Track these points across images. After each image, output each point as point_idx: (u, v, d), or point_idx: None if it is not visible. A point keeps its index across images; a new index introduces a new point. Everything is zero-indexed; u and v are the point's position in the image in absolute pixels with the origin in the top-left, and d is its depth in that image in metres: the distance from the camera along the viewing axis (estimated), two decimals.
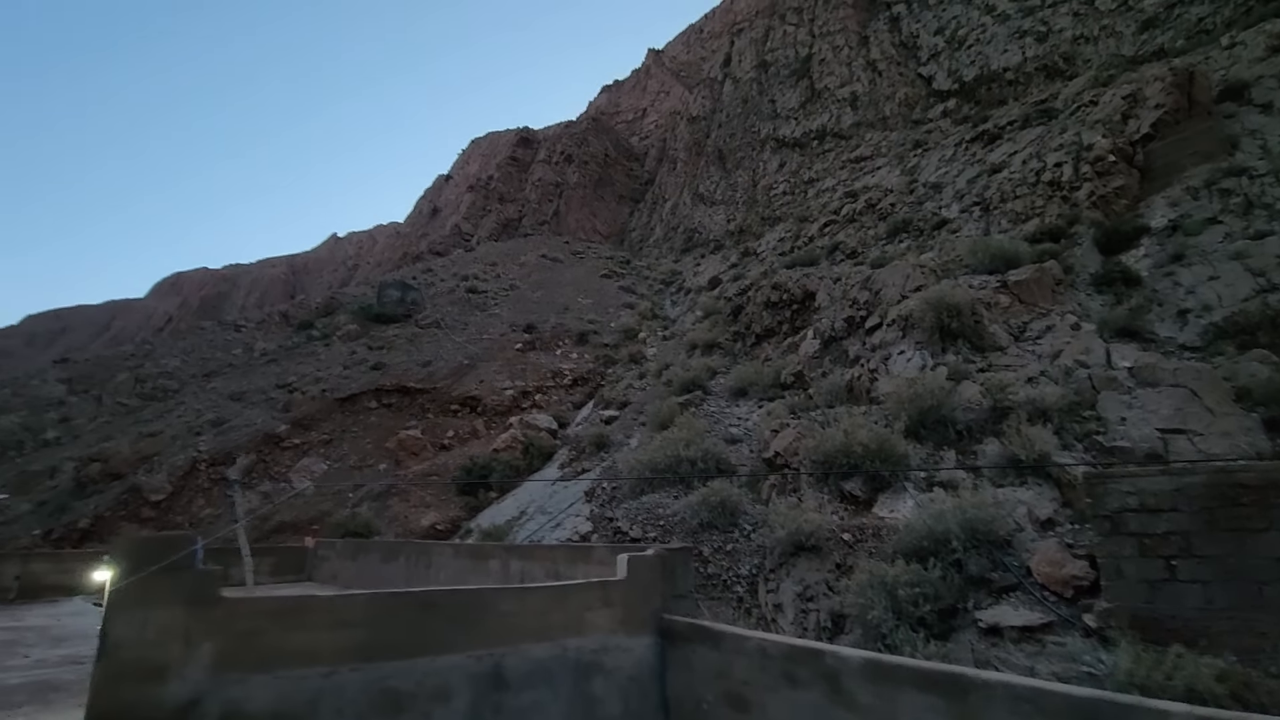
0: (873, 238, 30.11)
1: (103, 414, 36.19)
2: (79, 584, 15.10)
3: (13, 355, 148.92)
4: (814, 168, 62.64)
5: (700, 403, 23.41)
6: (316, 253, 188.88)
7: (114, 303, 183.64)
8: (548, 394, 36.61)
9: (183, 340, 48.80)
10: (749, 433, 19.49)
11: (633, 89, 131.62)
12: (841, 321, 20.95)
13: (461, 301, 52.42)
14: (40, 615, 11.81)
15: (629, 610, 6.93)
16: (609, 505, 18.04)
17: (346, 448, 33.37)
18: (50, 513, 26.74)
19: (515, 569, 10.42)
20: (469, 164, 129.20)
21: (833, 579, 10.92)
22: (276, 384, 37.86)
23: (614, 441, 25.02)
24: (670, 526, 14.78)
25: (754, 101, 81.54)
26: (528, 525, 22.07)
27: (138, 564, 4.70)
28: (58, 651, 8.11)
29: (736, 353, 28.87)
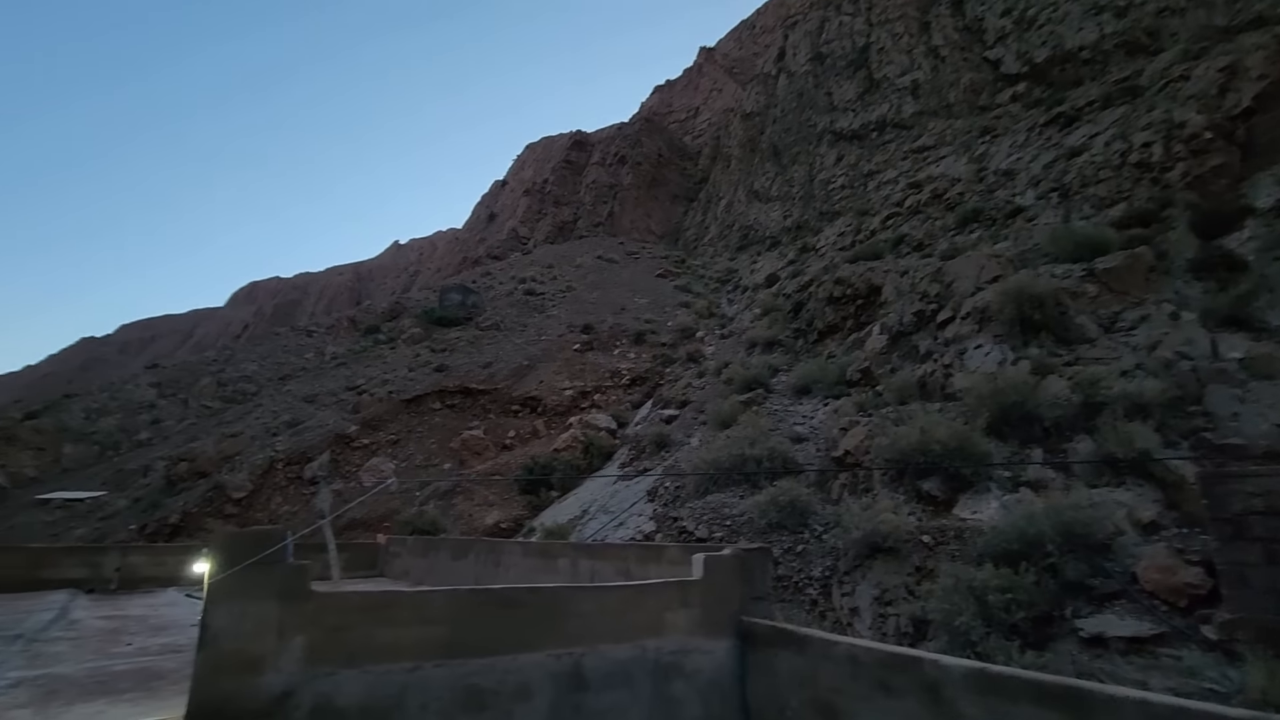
0: (940, 229, 28.97)
1: (189, 416, 38.32)
2: (173, 576, 15.95)
3: (108, 362, 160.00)
4: (874, 160, 60.91)
5: (762, 401, 22.98)
6: (380, 259, 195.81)
7: (197, 311, 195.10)
8: (606, 394, 36.75)
9: (259, 345, 51.30)
10: (815, 431, 18.98)
11: (685, 88, 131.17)
12: (910, 316, 20.20)
13: (520, 304, 53.25)
14: (139, 605, 12.48)
15: (707, 612, 6.74)
16: (673, 505, 17.89)
17: (413, 447, 34.33)
18: (144, 509, 28.44)
19: (585, 568, 10.37)
20: (524, 169, 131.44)
21: (912, 582, 10.45)
22: (346, 386, 39.29)
23: (675, 441, 24.85)
24: (737, 527, 14.50)
25: (809, 95, 79.95)
26: (590, 524, 22.14)
27: (233, 558, 4.81)
28: (158, 640, 8.50)
29: (798, 350, 28.26)
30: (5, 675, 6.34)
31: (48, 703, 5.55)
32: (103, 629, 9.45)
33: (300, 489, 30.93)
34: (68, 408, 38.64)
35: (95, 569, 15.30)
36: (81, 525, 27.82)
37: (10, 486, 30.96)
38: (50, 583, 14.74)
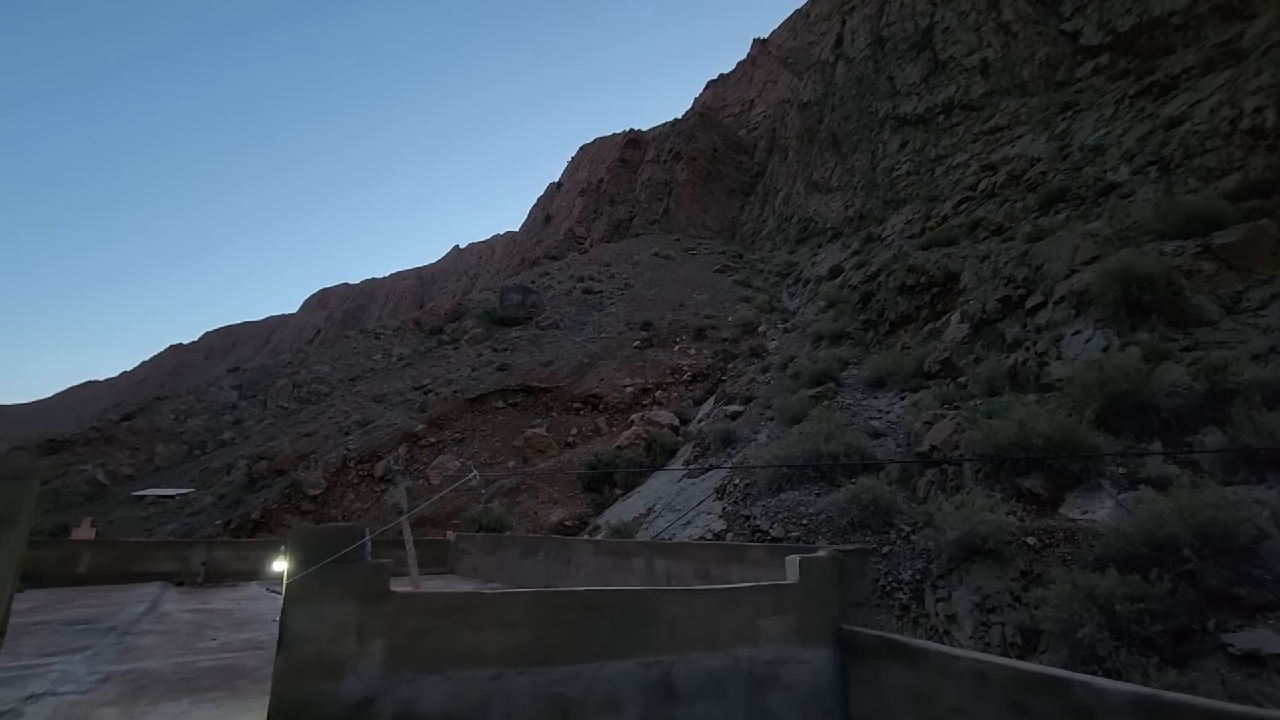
0: (1021, 211, 27.25)
1: (267, 416, 39.95)
2: (255, 570, 16.45)
3: (194, 367, 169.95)
4: (941, 144, 58.33)
5: (833, 395, 22.07)
6: (441, 263, 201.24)
7: (273, 318, 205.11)
8: (667, 390, 36.31)
9: (331, 348, 53.16)
10: (893, 425, 18.02)
11: (739, 81, 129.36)
12: (995, 303, 18.95)
13: (579, 302, 53.38)
14: (224, 599, 12.81)
15: (804, 618, 6.19)
16: (743, 502, 17.28)
17: (478, 445, 34.74)
18: (228, 505, 29.70)
19: (660, 568, 9.94)
20: (578, 170, 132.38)
21: (1018, 588, 9.58)
22: (413, 386, 40.17)
23: (741, 437, 24.18)
24: (814, 526, 13.80)
25: (870, 81, 77.36)
26: (656, 522, 21.74)
27: (312, 555, 4.59)
28: (241, 635, 8.55)
29: (868, 342, 27.10)
30: (96, 669, 6.40)
31: (134, 700, 5.48)
32: (190, 622, 9.64)
33: (371, 486, 31.72)
34: (159, 410, 40.98)
35: (184, 563, 15.92)
36: (172, 520, 29.28)
37: (110, 484, 32.95)
38: (144, 575, 15.41)
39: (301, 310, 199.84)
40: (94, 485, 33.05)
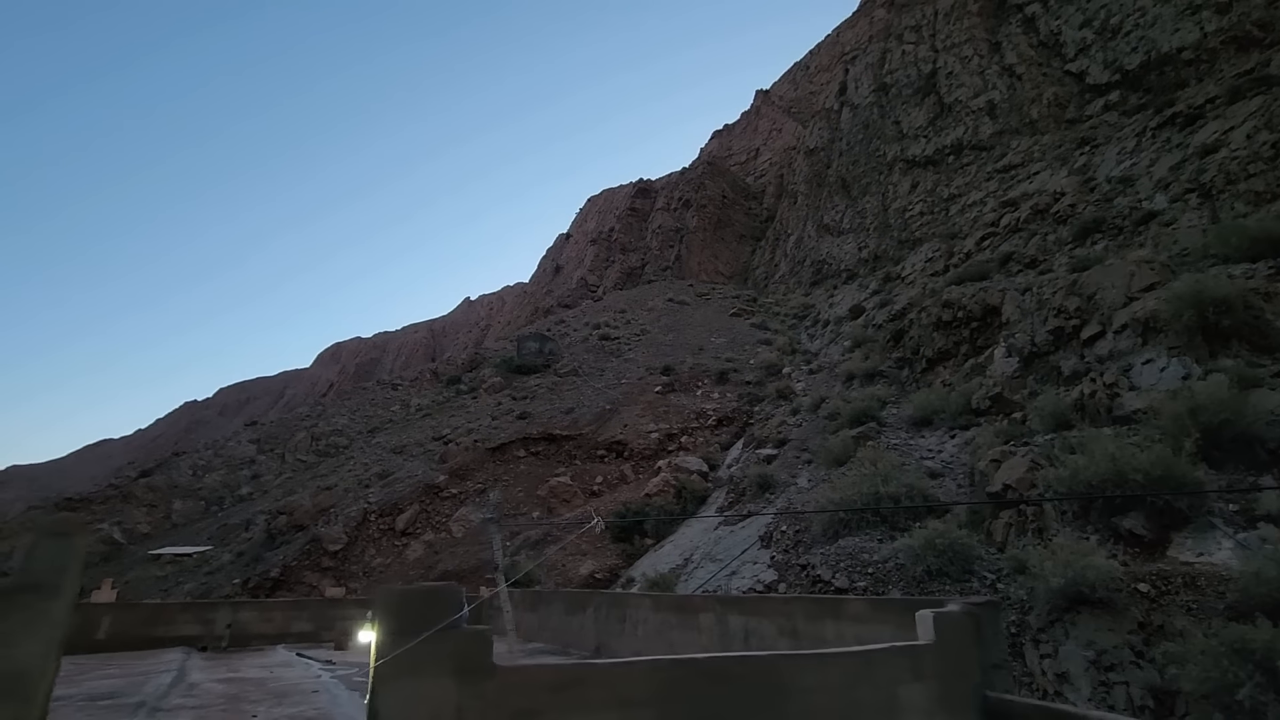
0: (1055, 243, 26.80)
1: (286, 470, 39.26)
2: (281, 632, 15.54)
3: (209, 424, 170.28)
4: (954, 183, 58.61)
5: (876, 435, 21.22)
6: (452, 316, 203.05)
7: (286, 373, 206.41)
8: (693, 435, 35.43)
9: (349, 400, 52.77)
10: (948, 465, 17.14)
11: (743, 130, 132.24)
12: (1046, 334, 18.27)
13: (596, 349, 53.01)
14: (253, 665, 11.93)
15: (946, 685, 5.36)
16: (795, 550, 16.31)
17: (500, 496, 33.79)
18: (247, 563, 28.76)
19: (735, 626, 9.06)
20: (587, 221, 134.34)
21: (1138, 642, 8.62)
22: (432, 436, 39.50)
23: (780, 481, 23.22)
24: (882, 575, 12.84)
25: (876, 125, 78.64)
26: (696, 573, 20.66)
27: (404, 623, 3.89)
28: (283, 710, 7.72)
29: (904, 380, 26.36)
30: None
31: None
32: (223, 694, 8.80)
33: (393, 540, 30.76)
34: (177, 466, 40.40)
35: (208, 625, 15.03)
36: (190, 579, 28.32)
37: (126, 542, 32.14)
38: (166, 640, 14.51)
39: (315, 364, 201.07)
40: (110, 544, 32.23)
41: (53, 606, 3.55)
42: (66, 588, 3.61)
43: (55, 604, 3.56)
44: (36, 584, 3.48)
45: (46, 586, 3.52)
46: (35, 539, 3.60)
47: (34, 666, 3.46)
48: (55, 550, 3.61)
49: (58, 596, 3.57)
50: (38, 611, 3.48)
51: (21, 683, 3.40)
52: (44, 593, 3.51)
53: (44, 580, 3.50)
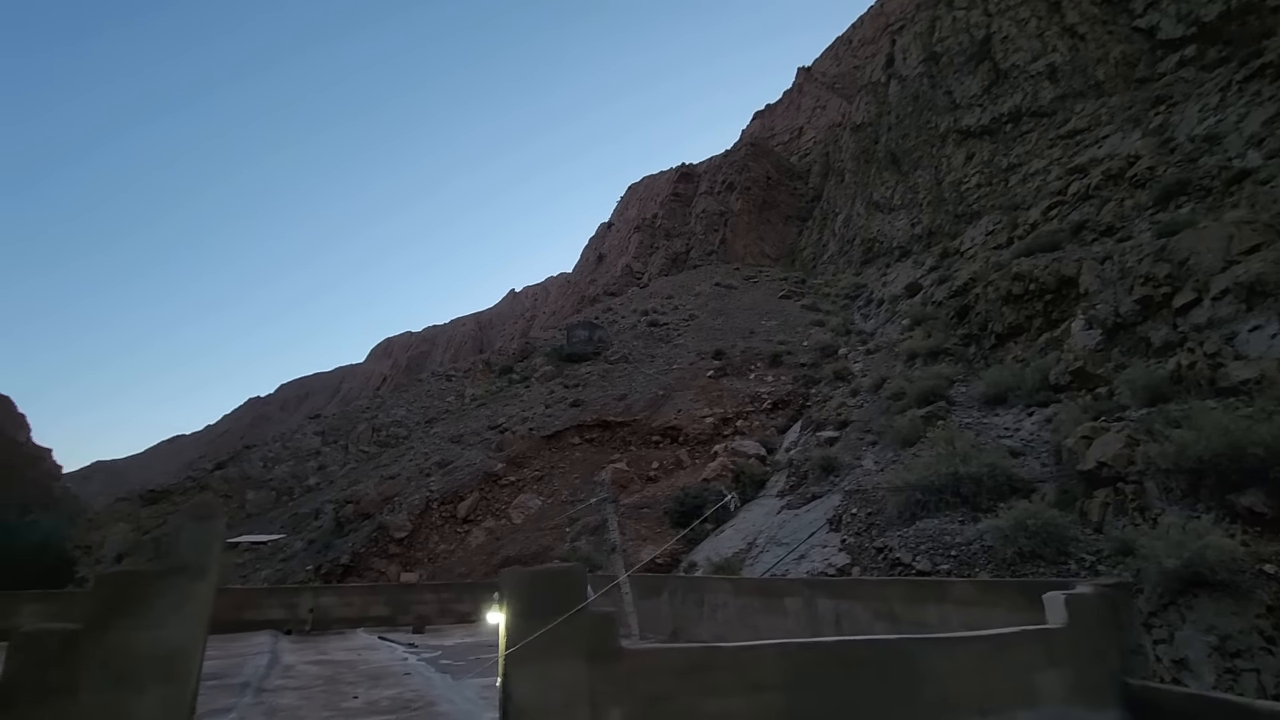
0: (1133, 208, 25.32)
1: (349, 461, 40.49)
2: (360, 616, 16.02)
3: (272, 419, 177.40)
4: (1013, 153, 56.11)
5: (945, 414, 20.51)
6: (498, 308, 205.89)
7: (342, 368, 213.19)
8: (749, 419, 35.03)
9: (406, 392, 54.04)
10: (1029, 443, 16.41)
11: (786, 110, 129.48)
12: (1131, 304, 17.27)
13: (645, 335, 52.89)
14: (339, 649, 12.28)
15: (1080, 671, 5.03)
16: (869, 534, 15.90)
17: (557, 483, 34.12)
18: (318, 550, 29.79)
19: (825, 610, 8.81)
20: (628, 209, 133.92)
21: (1267, 627, 8.03)
22: (488, 425, 40.10)
23: (844, 464, 22.71)
24: (968, 557, 12.36)
25: (926, 97, 75.81)
26: (762, 558, 20.41)
27: (533, 604, 3.81)
28: (382, 692, 7.85)
29: (971, 357, 25.40)
30: None
31: None
32: (319, 676, 9.05)
33: (455, 527, 31.39)
34: (248, 458, 42.16)
35: (291, 610, 15.59)
36: (266, 566, 29.52)
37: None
38: (253, 624, 15.12)
39: (368, 359, 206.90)
40: None
41: (199, 588, 3.59)
42: (211, 569, 3.66)
43: (201, 585, 3.60)
44: (184, 566, 3.53)
45: (193, 568, 3.56)
46: (179, 522, 3.64)
47: (185, 648, 3.51)
48: (198, 532, 3.65)
49: (203, 577, 3.60)
50: (186, 593, 3.52)
51: (174, 665, 3.46)
52: (191, 574, 3.55)
53: (190, 562, 3.55)
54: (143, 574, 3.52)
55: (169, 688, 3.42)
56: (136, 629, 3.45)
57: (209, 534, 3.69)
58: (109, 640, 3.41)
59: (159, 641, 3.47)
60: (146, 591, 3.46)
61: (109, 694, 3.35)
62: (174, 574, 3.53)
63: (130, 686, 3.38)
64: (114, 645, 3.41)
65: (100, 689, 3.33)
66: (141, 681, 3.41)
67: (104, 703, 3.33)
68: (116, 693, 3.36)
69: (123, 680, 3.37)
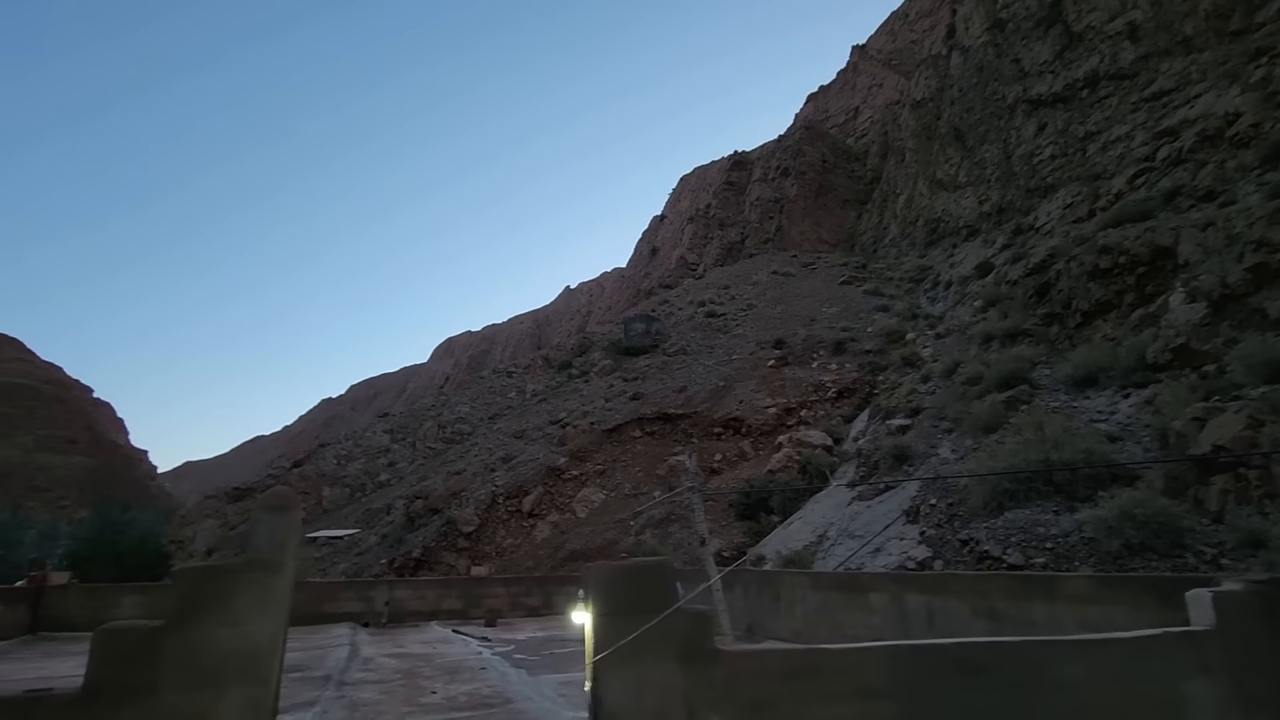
0: (1235, 170, 23.24)
1: (417, 457, 41.60)
2: (433, 609, 16.29)
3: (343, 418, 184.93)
4: (1090, 120, 52.69)
5: (1029, 399, 19.31)
6: (554, 305, 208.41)
7: (406, 368, 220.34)
8: (813, 409, 34.11)
9: (469, 390, 55.18)
10: (1126, 427, 15.22)
11: (840, 90, 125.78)
12: (1242, 272, 15.76)
13: (702, 326, 52.31)
14: (415, 642, 12.45)
15: (1237, 680, 4.41)
16: (950, 525, 15.08)
17: (619, 476, 34.08)
18: (391, 544, 30.66)
19: (915, 606, 8.27)
20: (680, 200, 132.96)
21: None
22: (550, 420, 40.43)
23: (918, 452, 21.75)
24: (1065, 550, 11.50)
25: (992, 67, 72.11)
26: (835, 550, 19.75)
27: (621, 602, 3.53)
28: (460, 687, 7.81)
29: (1054, 337, 23.90)
30: None
31: None
32: (397, 669, 9.12)
33: (520, 521, 31.76)
34: (323, 456, 43.93)
35: (368, 603, 15.99)
36: (343, 560, 30.59)
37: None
38: (332, 616, 15.58)
39: (431, 359, 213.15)
40: None
41: (277, 582, 3.48)
42: (288, 562, 3.55)
43: (280, 580, 3.49)
44: (262, 560, 3.43)
45: (271, 563, 3.46)
46: (255, 514, 3.54)
47: (266, 645, 3.40)
48: (275, 524, 3.54)
49: (281, 572, 3.50)
50: (265, 588, 3.42)
51: (256, 663, 3.35)
52: (270, 569, 3.44)
53: (268, 556, 3.44)
54: (221, 568, 3.43)
55: (251, 687, 3.32)
56: (217, 625, 3.36)
57: (285, 526, 3.58)
58: (190, 637, 3.33)
59: (240, 638, 3.37)
60: (225, 586, 3.37)
61: (190, 693, 3.27)
62: (252, 568, 3.43)
63: (212, 685, 3.30)
64: (195, 642, 3.33)
65: (182, 688, 3.25)
66: (223, 680, 3.32)
67: (185, 702, 3.25)
68: (198, 692, 3.28)
69: (204, 679, 3.29)
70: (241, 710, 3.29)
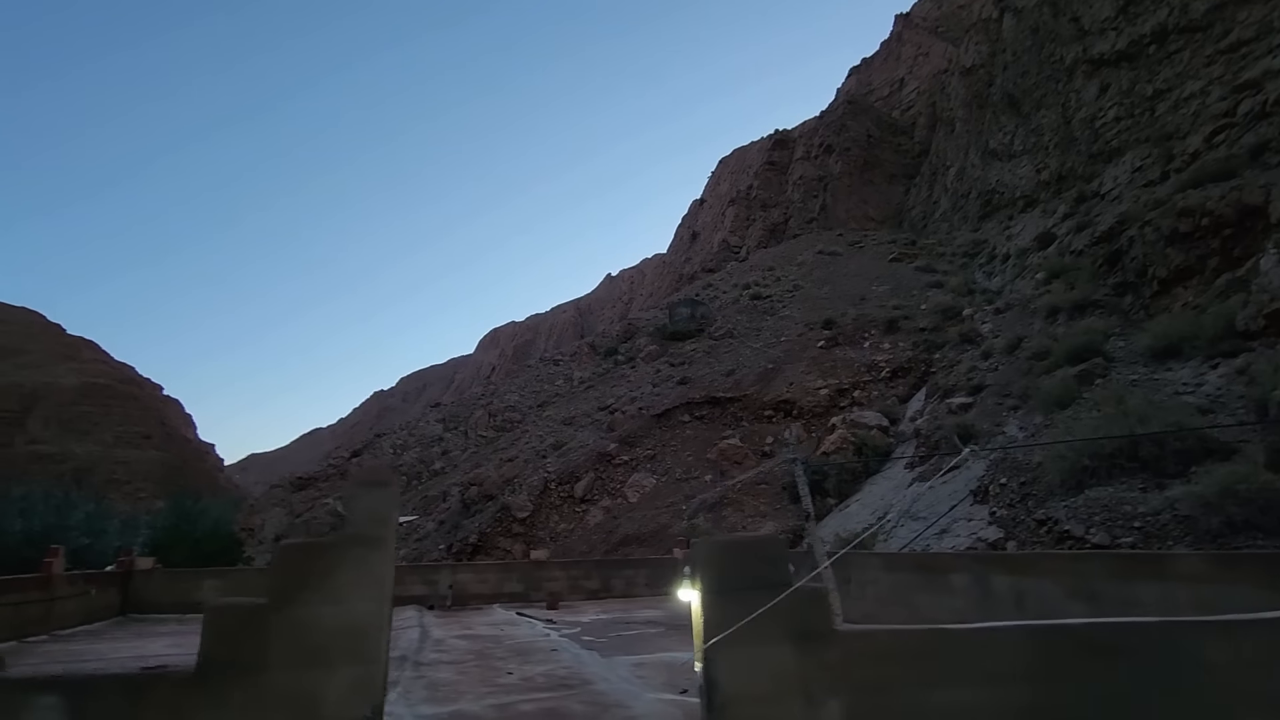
0: None
1: (469, 445, 42.35)
2: (495, 592, 16.54)
3: (395, 409, 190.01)
4: (1159, 77, 49.63)
5: (1104, 372, 18.36)
6: (596, 293, 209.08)
7: (454, 359, 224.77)
8: (866, 389, 33.32)
9: (517, 378, 55.86)
10: (1217, 399, 14.30)
11: (884, 62, 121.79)
12: None
13: (748, 309, 51.63)
14: (481, 624, 12.62)
15: None
16: (1024, 505, 14.46)
17: (669, 461, 33.99)
18: (448, 530, 31.31)
19: (1002, 587, 7.89)
20: (720, 184, 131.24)
21: None
22: (598, 407, 40.58)
23: (982, 431, 20.96)
24: (1157, 529, 10.85)
25: (1048, 27, 68.62)
26: (897, 533, 19.24)
27: (726, 578, 3.36)
28: (534, 668, 7.82)
29: (1127, 308, 22.69)
30: (419, 712, 5.78)
31: None
32: (469, 650, 9.21)
33: (573, 507, 32.01)
34: (380, 446, 45.19)
35: (432, 586, 16.32)
36: (402, 546, 31.39)
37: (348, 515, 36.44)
38: (398, 599, 15.89)
39: (477, 350, 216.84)
40: (335, 516, 36.66)
41: (378, 559, 3.43)
42: (389, 539, 3.49)
43: (380, 556, 3.43)
44: (363, 536, 3.37)
45: (372, 539, 3.40)
46: (353, 490, 3.49)
47: (371, 624, 3.36)
48: (374, 499, 3.48)
49: (382, 548, 3.44)
50: (366, 565, 3.37)
51: (363, 642, 3.31)
52: (370, 544, 3.38)
53: (368, 532, 3.38)
54: (322, 545, 3.40)
55: (359, 666, 3.28)
56: (321, 603, 3.33)
57: (384, 501, 3.51)
58: (294, 615, 3.31)
59: (344, 616, 3.33)
60: (327, 563, 3.34)
61: (300, 671, 3.24)
62: (353, 544, 3.38)
63: (320, 664, 3.27)
64: (300, 620, 3.30)
65: (291, 665, 3.23)
66: (331, 659, 3.29)
67: (295, 681, 3.22)
68: (307, 670, 3.25)
69: (313, 657, 3.26)
70: (351, 689, 3.25)
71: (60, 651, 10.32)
